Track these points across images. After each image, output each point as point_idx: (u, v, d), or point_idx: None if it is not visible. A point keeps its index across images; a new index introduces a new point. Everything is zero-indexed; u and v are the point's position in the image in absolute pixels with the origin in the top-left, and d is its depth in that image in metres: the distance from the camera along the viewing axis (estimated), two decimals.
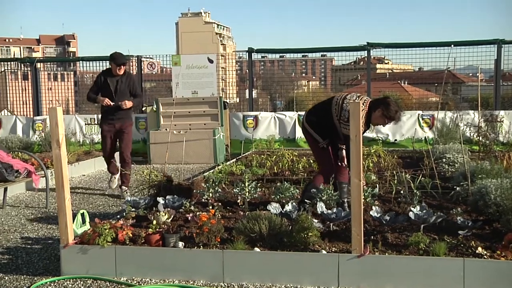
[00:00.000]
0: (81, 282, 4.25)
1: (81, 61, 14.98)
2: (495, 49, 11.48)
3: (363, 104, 5.28)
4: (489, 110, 11.00)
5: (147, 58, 15.67)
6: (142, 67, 13.57)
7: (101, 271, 4.33)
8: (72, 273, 4.36)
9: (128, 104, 7.54)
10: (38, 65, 14.09)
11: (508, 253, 3.91)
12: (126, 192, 7.52)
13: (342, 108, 5.36)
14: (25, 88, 15.35)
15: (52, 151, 4.32)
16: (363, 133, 5.34)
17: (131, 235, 4.49)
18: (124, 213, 5.30)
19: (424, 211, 4.74)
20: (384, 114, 5.33)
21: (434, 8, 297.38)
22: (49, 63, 18.72)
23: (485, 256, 3.98)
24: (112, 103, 7.39)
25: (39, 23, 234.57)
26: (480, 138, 9.03)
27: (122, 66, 7.52)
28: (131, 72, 14.09)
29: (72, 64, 21.31)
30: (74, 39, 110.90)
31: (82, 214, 5.14)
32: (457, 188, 5.84)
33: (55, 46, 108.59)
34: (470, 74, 18.68)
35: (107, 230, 4.40)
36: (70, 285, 4.21)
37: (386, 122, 5.48)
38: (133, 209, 5.39)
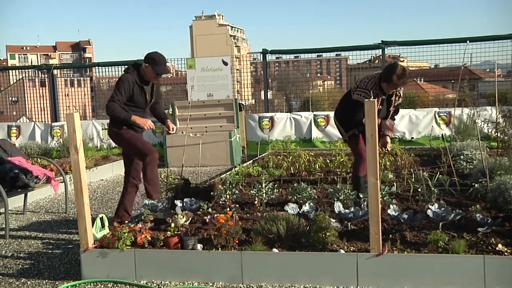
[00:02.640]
0: (102, 286, 4.30)
1: (97, 67, 15.13)
2: None
3: (370, 79, 5.57)
4: (507, 106, 10.88)
5: None
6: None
7: (121, 274, 4.37)
8: (92, 277, 4.40)
9: (174, 128, 6.21)
10: (55, 71, 14.28)
11: None
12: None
13: (364, 81, 5.58)
14: (42, 95, 15.55)
15: (70, 157, 4.37)
16: (388, 105, 5.63)
17: (150, 238, 4.52)
18: (143, 217, 5.34)
19: (443, 209, 4.70)
20: (387, 82, 5.38)
21: (449, 5, 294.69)
22: (65, 69, 18.94)
23: (505, 253, 3.94)
24: (154, 127, 5.86)
25: (55, 30, 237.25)
26: (498, 134, 8.94)
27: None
28: None
29: (88, 70, 21.55)
30: (90, 45, 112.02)
31: (101, 219, 5.19)
32: (476, 185, 5.79)
33: (71, 52, 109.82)
34: (487, 70, 18.48)
35: (126, 234, 4.44)
36: None
37: (394, 88, 5.52)
38: (151, 213, 5.42)
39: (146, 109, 5.92)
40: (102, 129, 12.93)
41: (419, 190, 5.75)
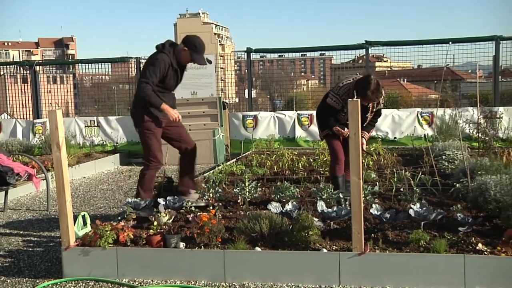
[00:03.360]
0: (83, 284, 4.27)
1: (80, 64, 14.99)
2: (493, 45, 11.48)
3: (345, 85, 5.74)
4: (488, 107, 11.00)
5: (146, 59, 15.66)
6: (141, 69, 13.56)
7: (103, 272, 4.34)
8: (74, 275, 4.37)
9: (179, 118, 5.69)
10: (37, 68, 14.10)
11: (509, 249, 3.92)
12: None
13: (338, 86, 5.78)
14: (24, 91, 15.36)
15: (53, 154, 4.33)
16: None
17: (132, 236, 4.50)
18: (125, 215, 5.31)
19: (424, 208, 4.74)
20: (362, 97, 5.38)
21: (432, 5, 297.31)
22: (48, 66, 18.72)
23: (485, 252, 3.99)
24: (181, 118, 5.61)
25: (38, 26, 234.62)
26: (480, 135, 9.04)
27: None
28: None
29: (71, 66, 21.33)
30: (73, 41, 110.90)
31: (83, 216, 5.15)
32: (457, 185, 5.85)
33: (54, 49, 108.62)
34: (469, 71, 18.66)
35: (108, 232, 4.41)
36: (72, 287, 4.22)
37: (369, 101, 5.64)
38: (134, 211, 5.39)
39: (173, 91, 5.69)
40: (85, 126, 12.82)
41: (402, 189, 5.80)
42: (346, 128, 5.68)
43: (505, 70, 14.89)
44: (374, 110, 5.86)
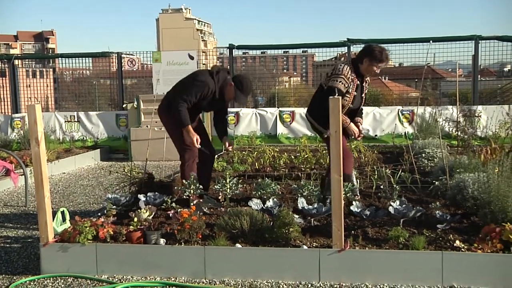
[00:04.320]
0: (62, 281, 4.22)
1: (60, 58, 14.82)
2: (473, 45, 11.64)
3: (345, 65, 5.42)
4: (468, 105, 11.14)
5: (128, 54, 15.54)
6: (123, 64, 13.46)
7: (82, 269, 4.31)
8: (52, 271, 4.32)
9: (231, 148, 6.09)
10: (16, 62, 13.91)
11: (485, 245, 3.98)
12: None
13: (337, 69, 5.41)
14: (2, 85, 15.12)
15: (31, 149, 4.28)
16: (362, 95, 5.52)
17: (112, 232, 4.47)
18: (105, 211, 5.27)
19: (404, 206, 4.79)
20: (372, 61, 5.34)
21: (413, 4, 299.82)
22: (27, 60, 18.48)
23: (462, 249, 4.05)
24: (199, 146, 5.62)
25: (17, 19, 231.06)
26: (459, 133, 9.14)
27: None
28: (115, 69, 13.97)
29: (51, 61, 21.07)
30: (53, 35, 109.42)
31: (62, 212, 5.10)
32: (436, 183, 5.91)
33: (33, 42, 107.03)
34: (449, 70, 18.88)
35: (88, 228, 4.37)
36: (50, 284, 4.18)
37: (378, 68, 5.42)
38: (114, 207, 5.36)
39: (200, 113, 5.86)
40: (65, 121, 12.68)
41: (382, 187, 5.84)
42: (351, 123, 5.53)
43: (484, 69, 15.10)
44: (366, 90, 5.72)
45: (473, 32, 11.50)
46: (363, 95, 5.65)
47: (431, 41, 11.53)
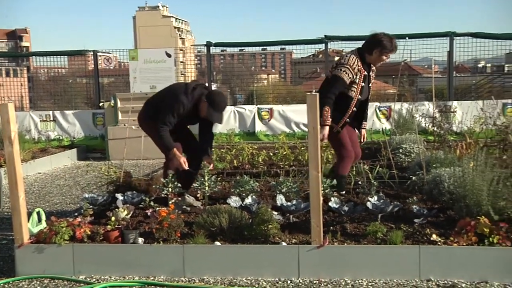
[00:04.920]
0: (38, 282, 4.16)
1: (34, 56, 14.61)
2: (448, 41, 11.78)
3: (351, 55, 5.41)
4: (443, 101, 11.28)
5: (104, 52, 15.40)
6: (99, 62, 13.33)
7: (58, 270, 4.24)
8: (28, 273, 4.25)
9: (212, 166, 5.93)
10: None
11: (460, 239, 4.03)
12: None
13: (343, 59, 5.43)
14: None
15: (5, 149, 4.21)
16: (369, 82, 5.53)
17: (89, 232, 4.41)
18: (82, 211, 5.21)
19: (382, 201, 4.83)
20: (382, 51, 5.34)
21: (391, 1, 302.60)
22: (0, 58, 18.17)
23: (439, 243, 4.09)
24: (185, 168, 5.59)
25: None
26: (435, 129, 9.25)
27: None
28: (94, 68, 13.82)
29: (25, 59, 20.75)
30: (27, 33, 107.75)
31: (38, 213, 5.02)
32: (413, 178, 5.97)
33: (6, 40, 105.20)
34: (426, 66, 19.08)
35: (64, 228, 4.31)
36: (25, 286, 4.11)
37: (387, 57, 5.48)
38: (91, 206, 5.29)
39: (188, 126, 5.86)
40: (40, 120, 12.51)
41: (360, 182, 5.88)
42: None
43: (458, 66, 15.29)
44: (373, 80, 5.70)
45: (448, 29, 11.60)
46: (370, 85, 5.64)
47: (407, 38, 11.64)
